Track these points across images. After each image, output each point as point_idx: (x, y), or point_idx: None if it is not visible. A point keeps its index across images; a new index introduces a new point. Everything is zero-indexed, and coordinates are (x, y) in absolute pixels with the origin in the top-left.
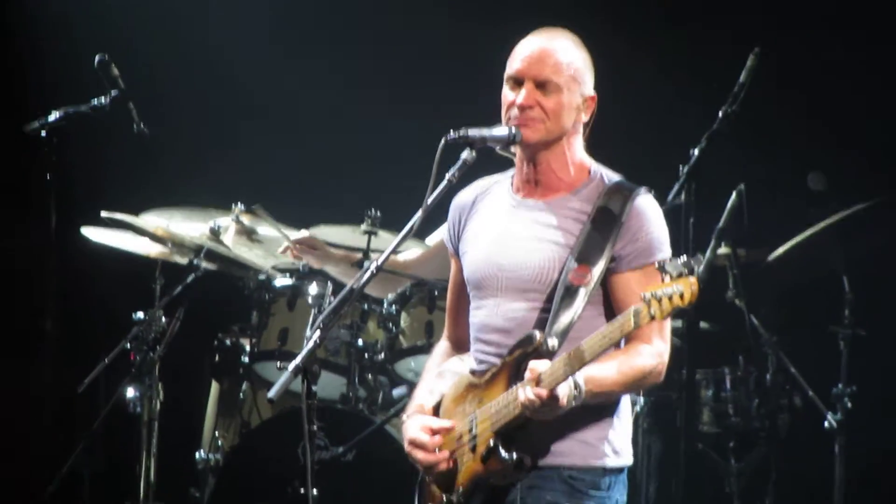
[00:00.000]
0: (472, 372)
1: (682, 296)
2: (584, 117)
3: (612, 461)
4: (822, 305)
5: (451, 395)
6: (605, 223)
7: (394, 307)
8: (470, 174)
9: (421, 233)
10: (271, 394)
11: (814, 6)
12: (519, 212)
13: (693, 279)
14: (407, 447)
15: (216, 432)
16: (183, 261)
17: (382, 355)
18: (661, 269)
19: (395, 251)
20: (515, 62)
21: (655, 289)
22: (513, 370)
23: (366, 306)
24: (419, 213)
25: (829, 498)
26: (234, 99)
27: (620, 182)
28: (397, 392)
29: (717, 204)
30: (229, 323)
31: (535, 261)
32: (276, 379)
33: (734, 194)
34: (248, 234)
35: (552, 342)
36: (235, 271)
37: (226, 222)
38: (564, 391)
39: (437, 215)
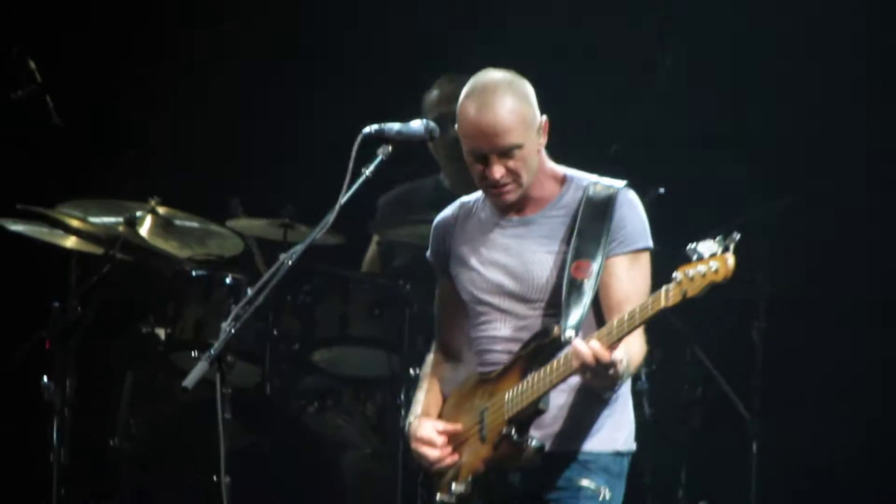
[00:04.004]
0: (481, 373)
1: (716, 271)
2: (543, 140)
3: (622, 445)
4: (738, 300)
5: (455, 398)
6: (595, 218)
7: (308, 298)
8: (387, 169)
9: (338, 226)
10: (186, 382)
11: None
12: (508, 230)
13: (729, 255)
14: (415, 445)
15: (130, 421)
16: (98, 251)
17: (297, 345)
18: (694, 251)
19: (310, 245)
20: (471, 140)
21: (688, 268)
22: (527, 363)
23: (281, 297)
24: (335, 208)
25: (744, 489)
26: (149, 91)
27: (599, 179)
28: None
29: None
30: (145, 313)
31: (535, 273)
32: (190, 368)
33: None
34: (165, 225)
35: (569, 333)
36: (151, 262)
37: (142, 213)
38: (620, 355)
39: (354, 210)
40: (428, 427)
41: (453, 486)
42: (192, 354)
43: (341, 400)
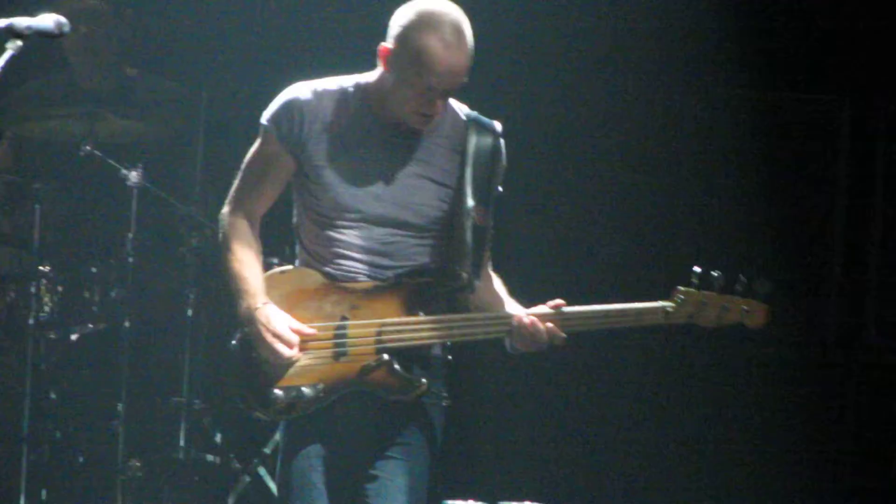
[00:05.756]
0: (330, 275)
1: (750, 316)
2: None
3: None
4: None
5: (288, 291)
6: (485, 162)
7: None
8: (19, 64)
9: None
10: None
11: None
12: (388, 142)
13: (764, 305)
14: (267, 337)
15: None
16: None
17: None
18: (715, 280)
19: None
20: (428, 76)
21: (705, 297)
22: (414, 296)
23: None
24: None
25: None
26: None
27: (478, 118)
28: None
29: None
30: None
31: (416, 199)
32: None
33: None
34: None
35: (478, 283)
36: None
37: None
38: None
39: None
40: (284, 323)
41: (304, 389)
42: None
43: None
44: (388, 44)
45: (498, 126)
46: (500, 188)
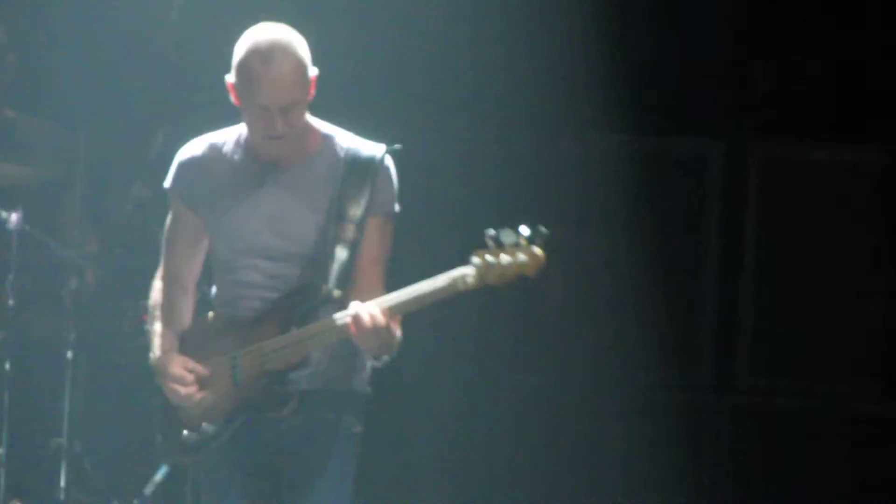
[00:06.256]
0: (228, 315)
1: (526, 264)
2: (312, 93)
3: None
4: None
5: (199, 336)
6: (358, 181)
7: None
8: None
9: None
10: None
11: None
12: (267, 179)
13: (537, 248)
14: (165, 382)
15: None
16: None
17: None
18: (495, 238)
19: None
20: (255, 94)
21: (489, 255)
22: (287, 316)
23: None
24: None
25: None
26: None
27: (361, 142)
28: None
29: None
30: None
31: (295, 228)
32: None
33: None
34: None
35: (337, 293)
36: None
37: None
38: (398, 332)
39: None
40: (178, 365)
41: (204, 425)
42: None
43: None
44: (229, 76)
45: (380, 148)
46: (397, 207)
